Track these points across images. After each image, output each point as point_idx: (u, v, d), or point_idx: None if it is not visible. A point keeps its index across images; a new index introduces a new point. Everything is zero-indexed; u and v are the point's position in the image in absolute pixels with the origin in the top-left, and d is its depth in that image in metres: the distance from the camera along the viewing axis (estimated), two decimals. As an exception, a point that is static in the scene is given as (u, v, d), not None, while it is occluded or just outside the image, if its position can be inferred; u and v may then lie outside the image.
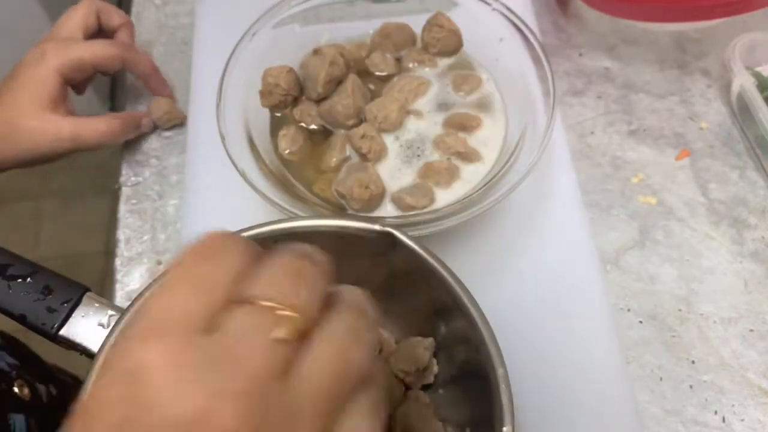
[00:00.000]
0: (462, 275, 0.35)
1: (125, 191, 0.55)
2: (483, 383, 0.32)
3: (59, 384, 0.53)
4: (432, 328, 0.41)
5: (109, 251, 0.53)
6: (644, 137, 0.55)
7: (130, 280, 0.50)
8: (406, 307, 0.40)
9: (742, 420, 0.44)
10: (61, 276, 0.38)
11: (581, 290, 0.47)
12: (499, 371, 0.31)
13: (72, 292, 0.37)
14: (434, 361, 0.40)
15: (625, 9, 0.55)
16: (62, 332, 0.36)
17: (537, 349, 0.45)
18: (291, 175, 0.48)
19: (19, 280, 0.37)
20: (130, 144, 0.56)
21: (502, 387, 0.31)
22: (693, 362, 0.46)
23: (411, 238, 0.35)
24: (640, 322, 0.47)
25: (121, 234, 0.52)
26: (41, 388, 0.48)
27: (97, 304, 0.37)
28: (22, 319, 0.37)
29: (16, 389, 0.46)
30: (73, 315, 0.37)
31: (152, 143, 0.57)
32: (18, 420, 0.41)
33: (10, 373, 0.47)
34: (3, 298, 0.37)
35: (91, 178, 1.54)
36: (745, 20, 0.57)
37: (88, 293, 0.38)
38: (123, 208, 0.54)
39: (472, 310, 0.33)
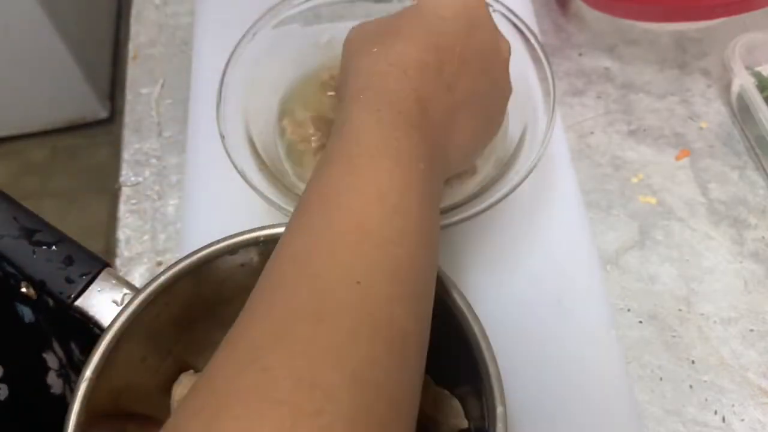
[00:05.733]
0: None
1: (125, 191, 0.55)
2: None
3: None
4: (435, 349, 0.40)
5: (109, 251, 0.52)
6: (644, 137, 0.55)
7: (130, 280, 0.50)
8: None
9: (742, 420, 0.44)
10: (84, 248, 0.39)
11: (581, 290, 0.47)
12: (498, 409, 0.31)
13: (92, 266, 0.38)
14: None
15: (625, 9, 0.55)
16: (78, 303, 0.37)
17: (536, 349, 0.45)
18: (292, 175, 0.48)
19: (44, 247, 0.38)
20: (130, 144, 0.56)
21: (499, 426, 0.30)
22: (693, 362, 0.46)
23: None
24: (640, 322, 0.47)
25: (121, 234, 0.52)
26: (46, 297, 0.48)
27: (114, 281, 0.38)
28: (41, 285, 0.37)
29: (23, 289, 0.45)
30: (89, 288, 0.37)
31: (152, 143, 0.57)
32: (26, 311, 0.41)
33: (16, 275, 0.47)
34: (26, 262, 0.38)
35: (91, 178, 1.54)
36: (745, 20, 0.57)
37: (107, 269, 0.38)
38: (123, 208, 0.54)
39: (482, 344, 0.32)
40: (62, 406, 0.39)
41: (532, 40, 0.49)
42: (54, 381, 0.40)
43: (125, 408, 0.36)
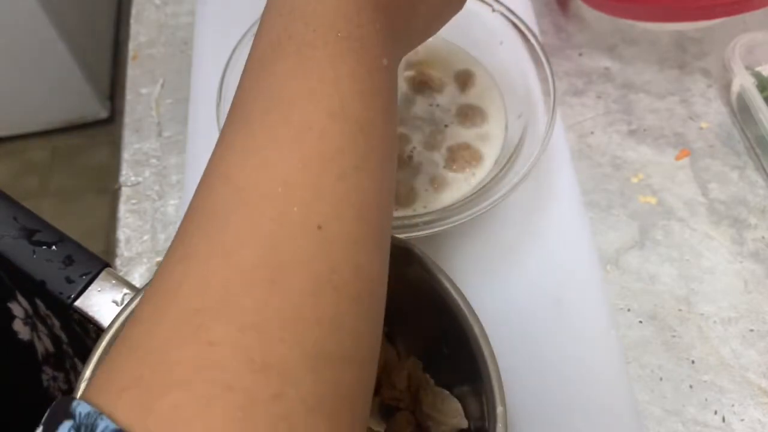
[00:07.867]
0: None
1: (125, 191, 0.55)
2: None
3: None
4: (435, 349, 0.40)
5: (109, 251, 0.53)
6: (644, 137, 0.55)
7: (130, 280, 0.50)
8: (414, 326, 0.40)
9: (742, 420, 0.44)
10: (84, 248, 0.39)
11: (581, 290, 0.47)
12: (498, 409, 0.31)
13: (92, 266, 0.38)
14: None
15: (625, 9, 0.55)
16: (77, 303, 0.37)
17: (536, 349, 0.45)
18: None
19: (44, 247, 0.38)
20: (130, 144, 0.56)
21: (499, 426, 0.31)
22: (693, 362, 0.46)
23: (426, 255, 0.34)
24: (640, 322, 0.47)
25: (121, 234, 0.52)
26: (3, 258, 0.48)
27: (114, 281, 0.38)
28: (41, 285, 0.37)
29: None
30: (89, 288, 0.37)
31: (152, 143, 0.57)
32: None
33: None
34: (26, 262, 0.38)
35: (91, 178, 1.54)
36: (745, 20, 0.57)
37: (107, 269, 0.38)
38: (123, 208, 0.54)
39: (482, 344, 0.32)
40: (30, 352, 0.39)
41: (532, 40, 0.49)
42: (21, 328, 0.40)
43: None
